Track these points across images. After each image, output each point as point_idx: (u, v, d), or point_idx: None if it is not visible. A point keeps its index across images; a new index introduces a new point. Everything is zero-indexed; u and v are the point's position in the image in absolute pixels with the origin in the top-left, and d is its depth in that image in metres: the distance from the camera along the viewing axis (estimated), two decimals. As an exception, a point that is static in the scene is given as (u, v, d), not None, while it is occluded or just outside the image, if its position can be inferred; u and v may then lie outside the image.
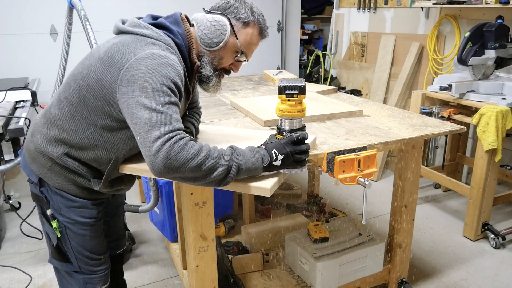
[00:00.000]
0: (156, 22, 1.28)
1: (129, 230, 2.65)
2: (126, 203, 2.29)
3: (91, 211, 1.40)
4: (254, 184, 1.19)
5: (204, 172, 1.09)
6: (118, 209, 1.68)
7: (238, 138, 1.56)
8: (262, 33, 1.37)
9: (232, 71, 1.40)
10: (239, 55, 1.35)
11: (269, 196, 1.20)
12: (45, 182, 1.35)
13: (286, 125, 1.31)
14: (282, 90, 1.27)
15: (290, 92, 1.26)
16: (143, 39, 1.19)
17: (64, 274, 1.49)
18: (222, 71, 1.38)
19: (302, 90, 1.27)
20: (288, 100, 1.27)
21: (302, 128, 1.32)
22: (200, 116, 1.62)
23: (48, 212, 1.38)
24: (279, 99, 1.30)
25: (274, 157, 1.17)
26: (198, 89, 1.50)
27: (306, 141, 1.23)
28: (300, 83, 1.27)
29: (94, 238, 1.43)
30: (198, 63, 1.32)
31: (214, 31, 1.30)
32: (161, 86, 1.11)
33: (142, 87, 1.10)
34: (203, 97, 2.51)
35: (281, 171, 1.23)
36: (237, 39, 1.32)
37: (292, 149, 1.19)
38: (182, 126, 1.13)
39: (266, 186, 1.18)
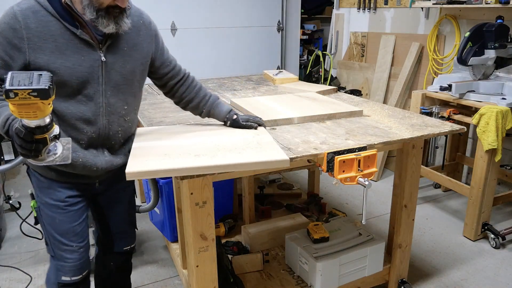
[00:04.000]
0: None
1: (137, 229, 2.59)
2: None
3: (59, 193, 1.44)
4: (271, 159, 1.33)
5: None
6: (117, 204, 1.66)
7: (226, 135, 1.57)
8: None
9: (119, 6, 1.28)
10: None
11: (289, 166, 1.33)
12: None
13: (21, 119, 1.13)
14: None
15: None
16: None
17: (50, 257, 1.56)
18: (109, 8, 1.27)
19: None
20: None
21: (37, 128, 1.12)
22: (194, 83, 1.67)
23: (29, 191, 1.47)
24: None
25: (10, 131, 1.20)
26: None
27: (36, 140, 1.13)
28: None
29: (64, 223, 1.47)
30: (70, 4, 1.26)
31: None
32: None
33: None
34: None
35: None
36: None
37: (12, 135, 1.16)
38: None
39: (284, 157, 1.34)
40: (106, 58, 1.36)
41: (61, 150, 1.22)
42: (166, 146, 1.47)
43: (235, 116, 1.68)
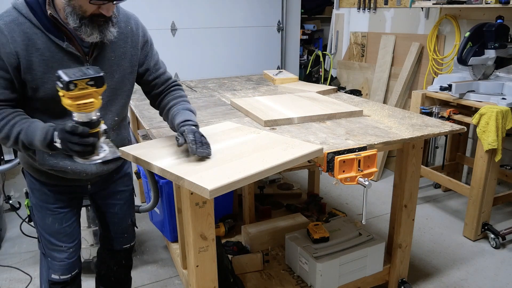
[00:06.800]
0: None
1: (137, 227, 2.58)
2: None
3: (48, 196, 1.46)
4: (310, 151, 1.40)
5: None
6: (114, 205, 1.66)
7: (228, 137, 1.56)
8: None
9: (103, 15, 1.24)
10: None
11: (322, 154, 1.44)
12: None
13: (74, 117, 1.17)
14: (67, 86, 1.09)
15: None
16: None
17: (41, 254, 1.60)
18: (93, 17, 1.23)
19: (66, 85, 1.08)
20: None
21: (91, 122, 1.17)
22: (179, 94, 1.54)
23: (24, 190, 1.50)
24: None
25: (55, 139, 1.18)
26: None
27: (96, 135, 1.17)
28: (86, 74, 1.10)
29: (54, 224, 1.49)
30: (56, 16, 1.23)
31: None
32: None
33: None
34: (202, 97, 2.51)
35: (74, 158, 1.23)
36: None
37: (64, 137, 1.14)
38: None
39: (318, 147, 1.44)
40: None
41: (106, 146, 1.23)
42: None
43: (185, 130, 1.38)
